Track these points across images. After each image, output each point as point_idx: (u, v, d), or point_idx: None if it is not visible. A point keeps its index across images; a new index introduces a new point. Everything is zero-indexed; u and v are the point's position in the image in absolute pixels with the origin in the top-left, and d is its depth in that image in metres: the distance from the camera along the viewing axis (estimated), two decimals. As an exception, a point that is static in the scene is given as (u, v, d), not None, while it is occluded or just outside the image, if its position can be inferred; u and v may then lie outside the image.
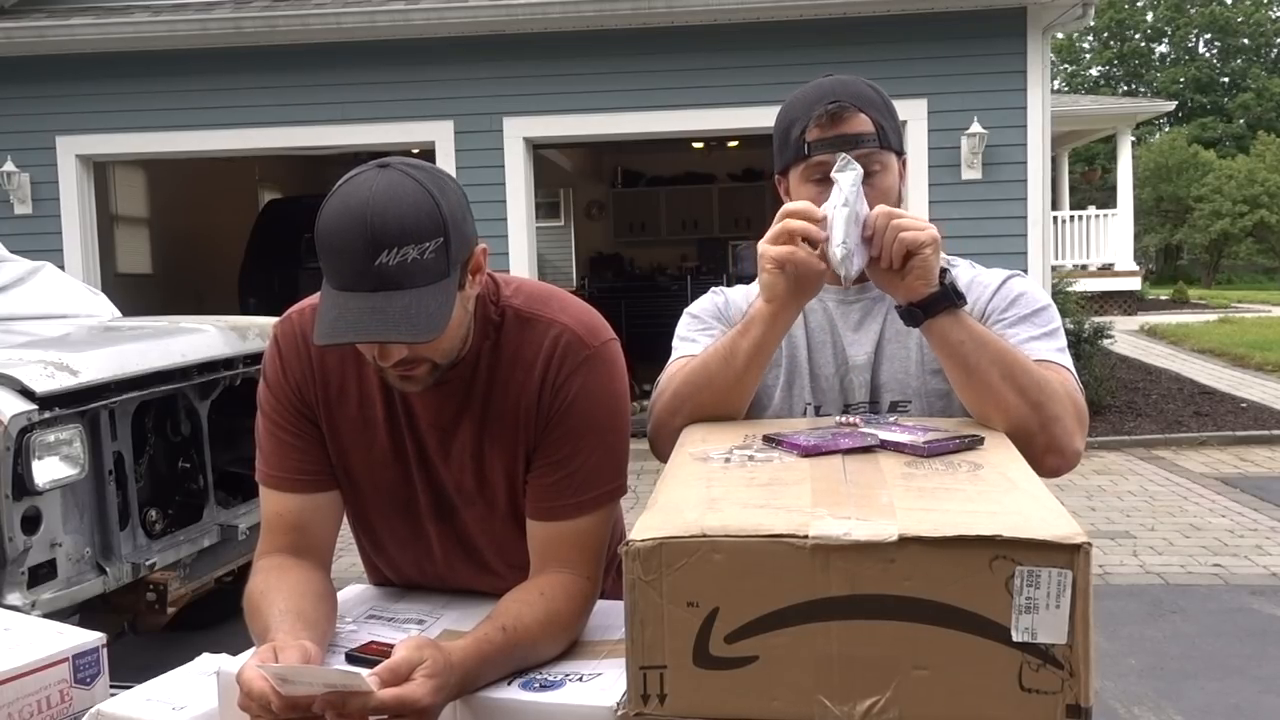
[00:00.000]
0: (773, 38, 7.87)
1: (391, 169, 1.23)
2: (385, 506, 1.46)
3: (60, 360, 3.16)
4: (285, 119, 8.24)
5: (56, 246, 8.30)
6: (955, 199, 7.79)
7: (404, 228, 1.18)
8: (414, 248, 1.19)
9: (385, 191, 1.19)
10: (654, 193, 14.42)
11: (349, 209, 1.19)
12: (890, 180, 1.51)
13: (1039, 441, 1.33)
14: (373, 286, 1.18)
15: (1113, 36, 41.02)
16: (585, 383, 1.37)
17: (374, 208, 1.18)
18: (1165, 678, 3.87)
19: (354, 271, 1.18)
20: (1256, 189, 28.06)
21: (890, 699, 0.92)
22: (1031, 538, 0.89)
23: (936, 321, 1.34)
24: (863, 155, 1.47)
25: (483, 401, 1.39)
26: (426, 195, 1.21)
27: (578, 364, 1.37)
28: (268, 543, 1.42)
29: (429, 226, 1.20)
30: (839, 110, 1.47)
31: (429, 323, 1.19)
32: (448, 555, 1.49)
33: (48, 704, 1.28)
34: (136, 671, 1.40)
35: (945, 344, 1.35)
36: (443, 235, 1.21)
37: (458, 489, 1.43)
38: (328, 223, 1.21)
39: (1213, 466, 7.46)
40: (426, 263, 1.20)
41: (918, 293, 1.34)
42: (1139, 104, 21.05)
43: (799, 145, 1.50)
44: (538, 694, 1.16)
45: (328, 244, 1.21)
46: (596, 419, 1.37)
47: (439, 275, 1.21)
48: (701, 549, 0.93)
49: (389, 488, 1.44)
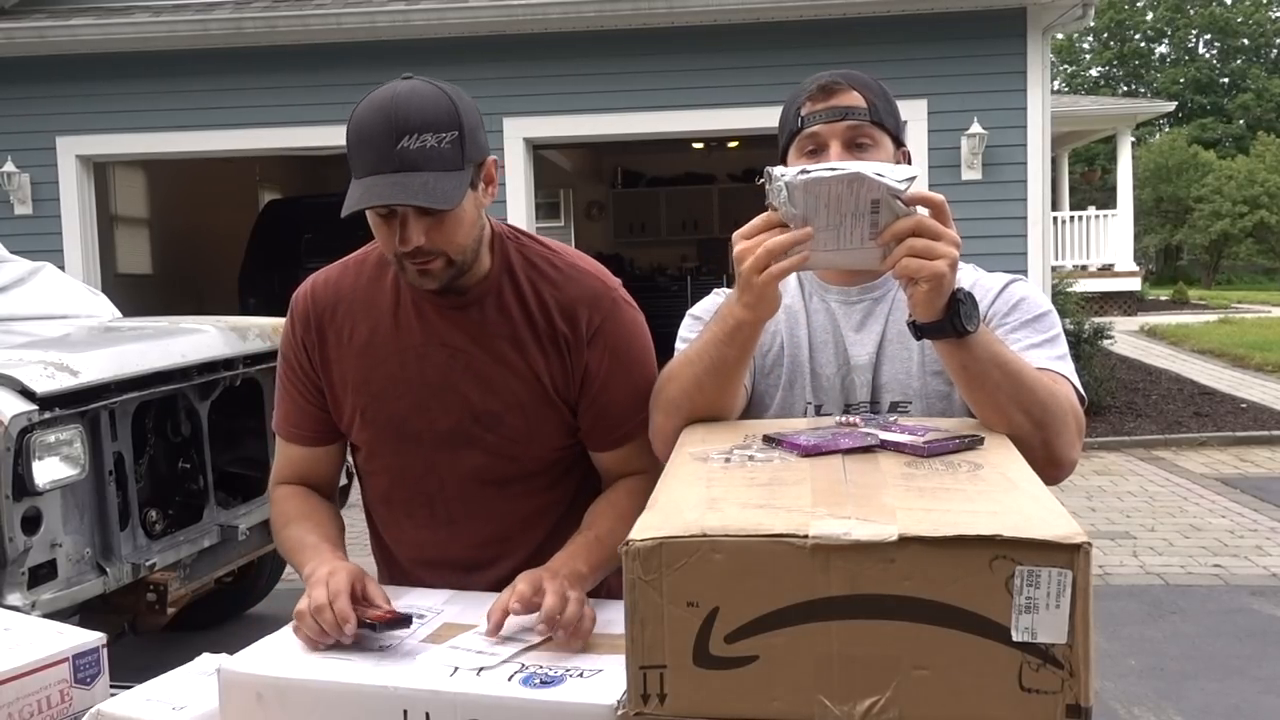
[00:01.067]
0: (773, 38, 7.87)
1: (414, 78, 1.40)
2: (397, 441, 1.57)
3: (60, 360, 3.16)
4: (285, 119, 8.24)
5: (56, 247, 8.30)
6: (955, 199, 7.56)
7: (425, 118, 1.34)
8: (432, 135, 1.34)
9: (408, 89, 1.37)
10: (654, 193, 14.43)
11: (375, 104, 1.36)
12: (882, 158, 1.50)
13: (1038, 455, 1.32)
14: (395, 167, 1.33)
15: (1113, 37, 41.01)
16: (619, 321, 1.55)
17: (398, 101, 1.35)
18: (1165, 678, 3.87)
19: (377, 156, 1.33)
20: (1256, 189, 28.05)
21: (890, 699, 0.92)
22: (1031, 537, 0.89)
23: (937, 343, 1.32)
24: (853, 127, 1.49)
25: (504, 332, 1.52)
26: (445, 96, 1.38)
27: (609, 308, 1.55)
28: (281, 474, 1.65)
29: (446, 120, 1.36)
30: (831, 84, 1.51)
31: (444, 196, 1.34)
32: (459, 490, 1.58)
33: (48, 704, 1.28)
34: (136, 671, 1.39)
35: (947, 361, 1.34)
36: (458, 130, 1.36)
37: (476, 415, 1.53)
38: (357, 119, 1.37)
39: (1213, 467, 7.46)
40: (444, 150, 1.35)
41: (917, 314, 1.29)
42: (1139, 104, 21.06)
43: (794, 120, 1.53)
44: (538, 690, 1.16)
45: (355, 135, 1.36)
46: (634, 352, 1.56)
47: (454, 165, 1.36)
48: (701, 549, 0.93)
49: (401, 419, 1.54)
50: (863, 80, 1.53)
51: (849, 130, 1.50)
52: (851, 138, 1.50)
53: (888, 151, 1.53)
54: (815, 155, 1.50)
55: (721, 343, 1.35)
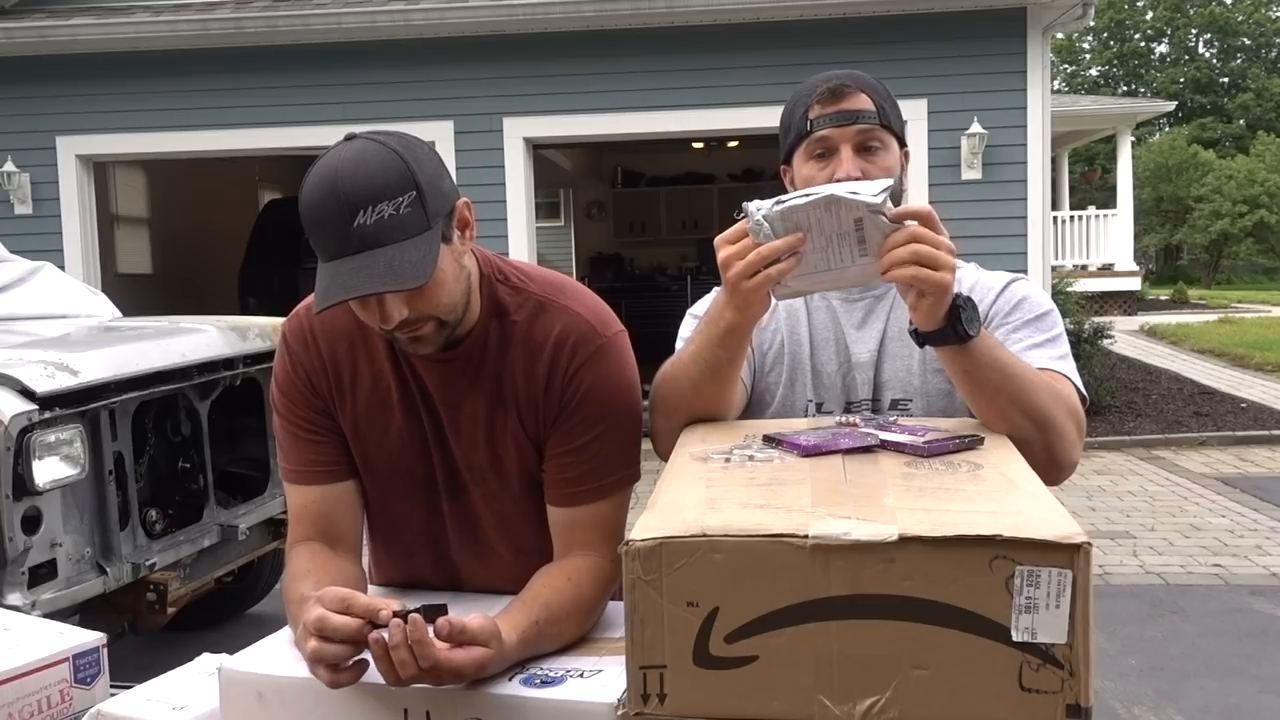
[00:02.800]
0: (773, 38, 7.87)
1: (357, 138, 1.28)
2: (403, 487, 1.49)
3: (60, 360, 3.16)
4: (285, 119, 8.24)
5: (56, 246, 8.30)
6: (955, 199, 7.78)
7: (374, 186, 1.22)
8: (388, 204, 1.22)
9: (352, 158, 1.24)
10: (654, 193, 14.43)
11: (321, 180, 1.24)
12: (890, 161, 1.52)
13: (1040, 456, 1.33)
14: (356, 249, 1.22)
15: (1112, 36, 41.01)
16: (599, 372, 1.40)
17: (342, 174, 1.23)
18: (1165, 678, 3.87)
19: (336, 238, 1.23)
20: (1256, 189, 28.05)
21: (890, 699, 0.92)
22: (1031, 537, 0.89)
23: (939, 350, 1.31)
24: (863, 131, 1.49)
25: (493, 379, 1.42)
26: (392, 154, 1.25)
27: (590, 354, 1.40)
28: (297, 532, 1.47)
29: (399, 182, 1.23)
30: (840, 87, 1.50)
31: (413, 271, 1.23)
32: (460, 537, 1.51)
33: (48, 704, 1.28)
34: (136, 671, 1.40)
35: (949, 366, 1.33)
36: (414, 189, 1.24)
37: (469, 465, 1.46)
38: (305, 199, 1.26)
39: (1213, 466, 7.46)
40: (404, 217, 1.23)
41: (920, 323, 1.28)
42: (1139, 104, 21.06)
43: (801, 124, 1.52)
44: (539, 690, 1.16)
45: (309, 219, 1.26)
46: (610, 407, 1.40)
47: (419, 228, 1.24)
48: (701, 549, 0.93)
49: (407, 468, 1.47)
50: (868, 82, 1.53)
51: (859, 134, 1.50)
52: (862, 141, 1.50)
53: (893, 153, 1.53)
54: (825, 159, 1.51)
55: (714, 345, 1.35)
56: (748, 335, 1.35)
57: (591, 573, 1.37)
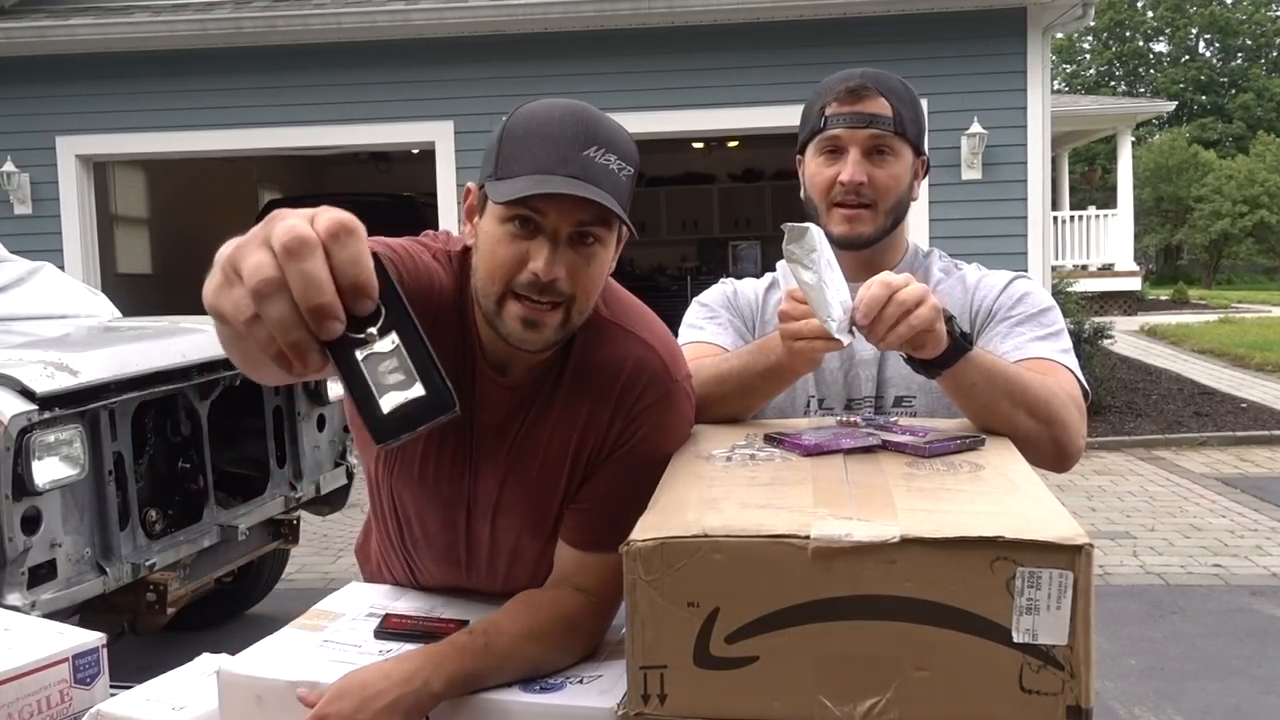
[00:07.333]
0: (773, 38, 7.87)
1: None
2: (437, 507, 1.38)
3: (60, 360, 3.16)
4: (285, 119, 8.24)
5: (56, 246, 8.30)
6: (955, 199, 7.79)
7: (614, 138, 1.18)
8: (616, 159, 1.17)
9: (595, 109, 1.20)
10: (654, 193, 14.40)
11: (566, 105, 1.19)
12: (899, 169, 1.51)
13: (1048, 450, 1.36)
14: (573, 173, 1.14)
15: (1112, 36, 41.01)
16: (661, 419, 1.28)
17: (592, 112, 1.19)
18: (1165, 678, 3.87)
19: (557, 157, 1.14)
20: (1256, 189, 28.05)
21: (891, 700, 0.91)
22: (1033, 539, 0.89)
23: (951, 371, 1.29)
24: (875, 136, 1.49)
25: (544, 403, 1.30)
26: (628, 134, 1.22)
27: (658, 397, 1.28)
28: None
29: (631, 152, 1.20)
30: (860, 87, 1.49)
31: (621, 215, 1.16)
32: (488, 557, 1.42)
33: (48, 704, 1.28)
34: (136, 671, 1.39)
35: (958, 388, 1.32)
36: (635, 170, 1.20)
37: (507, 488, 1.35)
38: (536, 114, 1.18)
39: (1213, 467, 7.46)
40: (622, 181, 1.18)
41: (931, 354, 1.26)
42: (1139, 104, 21.04)
43: (817, 119, 1.52)
44: (538, 695, 1.16)
45: (529, 130, 1.16)
46: (657, 460, 1.23)
47: (625, 199, 1.19)
48: (702, 549, 0.93)
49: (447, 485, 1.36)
50: (892, 85, 1.52)
51: (871, 139, 1.50)
52: (872, 146, 1.50)
53: (906, 161, 1.53)
54: (833, 157, 1.51)
55: (758, 374, 1.37)
56: (793, 380, 1.39)
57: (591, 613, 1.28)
